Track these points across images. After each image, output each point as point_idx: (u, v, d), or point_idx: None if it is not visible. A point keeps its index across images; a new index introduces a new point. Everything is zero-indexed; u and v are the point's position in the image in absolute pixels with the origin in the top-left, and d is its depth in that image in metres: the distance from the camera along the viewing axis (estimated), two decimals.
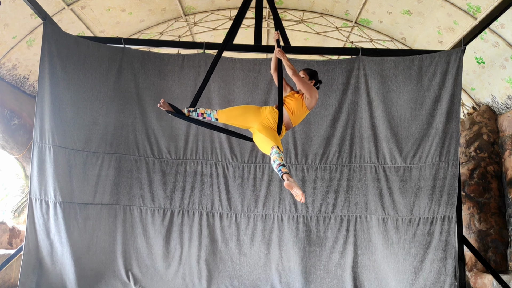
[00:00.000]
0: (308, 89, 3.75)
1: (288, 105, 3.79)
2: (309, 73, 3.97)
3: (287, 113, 3.77)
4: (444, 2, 5.97)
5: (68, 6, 6.31)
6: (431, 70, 5.32)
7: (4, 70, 6.34)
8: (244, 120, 3.81)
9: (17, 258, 5.31)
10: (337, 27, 7.59)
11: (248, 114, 3.79)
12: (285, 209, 5.50)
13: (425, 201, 5.17)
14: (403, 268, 5.07)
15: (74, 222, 5.19)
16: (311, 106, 3.83)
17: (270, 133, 3.65)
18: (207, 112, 3.89)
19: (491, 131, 6.72)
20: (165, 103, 3.89)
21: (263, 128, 3.69)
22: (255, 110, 3.81)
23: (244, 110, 3.86)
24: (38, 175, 5.11)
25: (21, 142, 6.86)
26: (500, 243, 6.31)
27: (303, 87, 3.74)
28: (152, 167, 5.59)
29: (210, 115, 3.87)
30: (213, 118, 3.87)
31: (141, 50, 5.93)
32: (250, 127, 3.82)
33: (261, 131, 3.67)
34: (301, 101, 3.79)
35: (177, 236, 5.49)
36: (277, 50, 3.82)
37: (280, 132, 3.75)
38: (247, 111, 3.83)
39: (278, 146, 3.48)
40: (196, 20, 7.69)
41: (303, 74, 3.94)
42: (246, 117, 3.79)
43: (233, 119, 3.86)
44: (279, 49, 3.84)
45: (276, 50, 3.85)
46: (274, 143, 3.51)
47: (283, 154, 3.47)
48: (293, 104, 3.78)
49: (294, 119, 3.82)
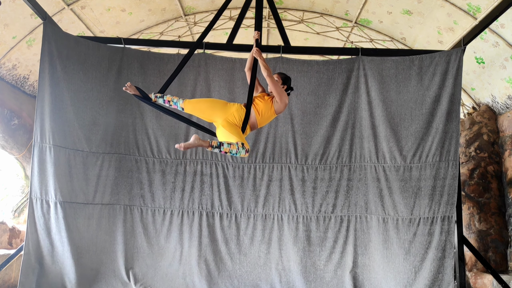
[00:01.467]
0: (279, 93, 3.75)
1: (256, 106, 3.79)
2: (282, 78, 3.97)
3: (254, 113, 3.77)
4: (444, 2, 5.97)
5: (68, 6, 6.31)
6: (431, 70, 5.32)
7: (4, 70, 6.34)
8: (210, 114, 3.78)
9: (17, 258, 5.31)
10: (337, 27, 7.60)
11: (215, 108, 3.76)
12: (285, 209, 5.51)
13: (425, 201, 5.17)
14: (403, 268, 5.07)
15: (75, 222, 5.19)
16: (280, 110, 3.83)
17: (234, 130, 3.65)
18: (173, 100, 3.85)
19: (491, 131, 6.72)
20: (132, 86, 3.86)
21: (227, 124, 3.68)
22: (222, 105, 3.78)
23: (212, 104, 3.83)
24: (38, 175, 5.11)
25: (21, 142, 6.86)
26: (500, 243, 6.31)
27: (275, 90, 3.74)
28: (152, 167, 5.60)
29: (177, 104, 3.83)
30: (179, 107, 3.83)
31: (141, 50, 5.94)
32: (215, 121, 3.80)
33: (225, 126, 3.66)
34: (270, 104, 3.80)
35: (177, 236, 5.50)
36: (255, 49, 3.85)
37: (245, 130, 3.73)
38: (215, 105, 3.80)
39: (243, 143, 3.48)
40: (196, 20, 7.69)
41: (277, 78, 3.92)
42: (212, 111, 3.76)
43: (199, 111, 3.83)
44: (257, 48, 3.87)
45: (254, 49, 3.88)
46: (238, 139, 3.52)
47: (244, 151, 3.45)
48: (262, 106, 3.79)
49: (260, 120, 3.81)
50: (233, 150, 3.46)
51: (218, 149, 3.46)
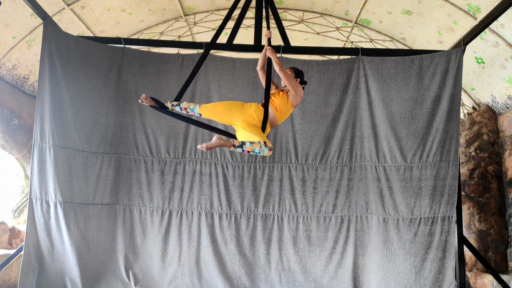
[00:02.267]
0: (293, 86, 3.75)
1: (273, 103, 3.78)
2: (295, 72, 3.98)
3: (272, 111, 3.76)
4: (444, 2, 5.97)
5: (68, 6, 6.31)
6: (431, 70, 5.32)
7: (4, 70, 6.34)
8: (229, 117, 3.76)
9: (17, 258, 5.31)
10: (337, 27, 7.60)
11: (232, 110, 3.74)
12: (285, 209, 5.50)
13: (426, 201, 5.16)
14: (403, 269, 5.06)
15: (75, 222, 5.19)
16: (296, 103, 3.83)
17: (255, 130, 3.63)
18: (190, 106, 3.84)
19: (491, 131, 6.72)
20: (147, 98, 3.85)
21: (247, 125, 3.66)
22: (239, 107, 3.76)
23: (229, 106, 3.81)
24: (38, 175, 5.11)
25: (21, 142, 6.86)
26: (500, 243, 6.31)
27: (289, 83, 3.74)
28: (150, 166, 5.58)
29: (193, 110, 3.82)
30: (196, 113, 3.82)
31: (141, 50, 5.93)
32: (233, 123, 3.79)
33: (245, 128, 3.64)
34: (286, 98, 3.80)
35: (176, 236, 5.48)
36: (269, 49, 3.83)
37: (265, 130, 3.73)
38: (232, 107, 3.77)
39: (265, 141, 3.48)
40: (196, 20, 7.69)
41: (289, 72, 3.94)
42: (230, 113, 3.74)
43: (216, 115, 3.82)
44: (270, 47, 3.86)
45: (268, 48, 3.86)
46: (259, 138, 3.51)
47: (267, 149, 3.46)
48: (278, 102, 3.78)
49: (279, 116, 3.81)
50: (256, 149, 3.47)
51: (241, 148, 3.47)
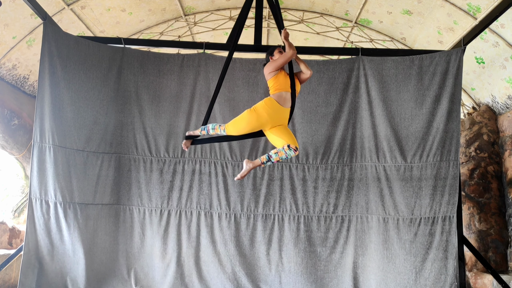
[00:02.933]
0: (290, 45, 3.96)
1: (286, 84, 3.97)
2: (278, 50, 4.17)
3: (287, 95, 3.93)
4: (444, 2, 5.97)
5: (68, 6, 6.31)
6: (431, 70, 5.32)
7: (4, 70, 6.34)
8: (253, 129, 3.97)
9: (17, 258, 5.31)
10: (337, 27, 7.60)
11: (252, 123, 3.93)
12: (286, 209, 5.49)
13: (426, 201, 5.16)
14: (404, 269, 5.06)
15: (75, 222, 5.18)
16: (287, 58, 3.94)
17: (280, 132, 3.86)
18: (219, 130, 4.09)
19: (491, 131, 6.72)
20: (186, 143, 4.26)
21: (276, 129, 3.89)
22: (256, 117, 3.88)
23: (247, 120, 3.94)
24: (38, 175, 5.11)
25: (21, 142, 6.86)
26: (500, 243, 6.30)
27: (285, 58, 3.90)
28: (149, 166, 5.57)
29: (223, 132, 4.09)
30: (224, 133, 4.08)
31: (141, 50, 5.94)
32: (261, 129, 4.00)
33: (271, 131, 3.91)
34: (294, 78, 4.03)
35: (175, 236, 5.46)
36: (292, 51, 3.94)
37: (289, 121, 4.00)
38: (250, 120, 3.92)
39: (289, 144, 3.70)
40: (196, 20, 7.69)
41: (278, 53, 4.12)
42: (251, 126, 3.96)
43: (242, 130, 4.01)
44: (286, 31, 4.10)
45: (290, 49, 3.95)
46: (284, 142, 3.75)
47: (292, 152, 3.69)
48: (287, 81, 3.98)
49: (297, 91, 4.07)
50: (282, 156, 3.74)
51: (270, 162, 3.79)
